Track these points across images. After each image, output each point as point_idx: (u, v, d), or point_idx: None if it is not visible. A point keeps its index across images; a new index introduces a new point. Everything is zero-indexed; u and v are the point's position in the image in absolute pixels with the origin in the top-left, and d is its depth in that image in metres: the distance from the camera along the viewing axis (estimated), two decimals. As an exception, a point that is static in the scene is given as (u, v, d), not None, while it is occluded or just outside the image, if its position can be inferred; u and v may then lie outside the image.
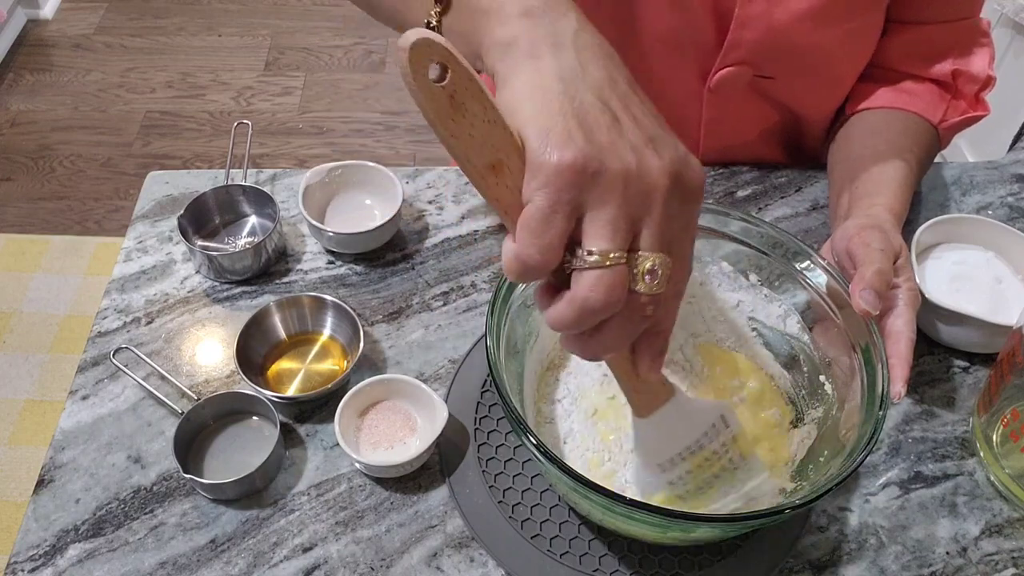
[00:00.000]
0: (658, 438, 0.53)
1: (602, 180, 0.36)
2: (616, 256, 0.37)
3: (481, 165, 0.37)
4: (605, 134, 0.37)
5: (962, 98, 0.82)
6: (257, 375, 0.70)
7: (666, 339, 0.44)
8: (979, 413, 0.69)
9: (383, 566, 0.62)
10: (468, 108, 0.35)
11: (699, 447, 0.54)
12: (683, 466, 0.55)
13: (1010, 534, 0.65)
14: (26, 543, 0.62)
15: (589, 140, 0.36)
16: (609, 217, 0.37)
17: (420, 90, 0.34)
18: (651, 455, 0.54)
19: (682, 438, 0.53)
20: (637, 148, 0.38)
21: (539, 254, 0.36)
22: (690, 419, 0.53)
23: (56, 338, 1.80)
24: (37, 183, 2.16)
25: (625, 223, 0.37)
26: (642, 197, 0.38)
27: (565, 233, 0.37)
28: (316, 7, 2.73)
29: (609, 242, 0.37)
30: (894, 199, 0.71)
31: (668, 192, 0.38)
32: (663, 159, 0.38)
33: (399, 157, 2.25)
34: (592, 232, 0.37)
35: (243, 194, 0.82)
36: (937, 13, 0.80)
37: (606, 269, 0.37)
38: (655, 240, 0.38)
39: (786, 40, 0.76)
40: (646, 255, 0.38)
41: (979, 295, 0.73)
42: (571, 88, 0.37)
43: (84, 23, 2.62)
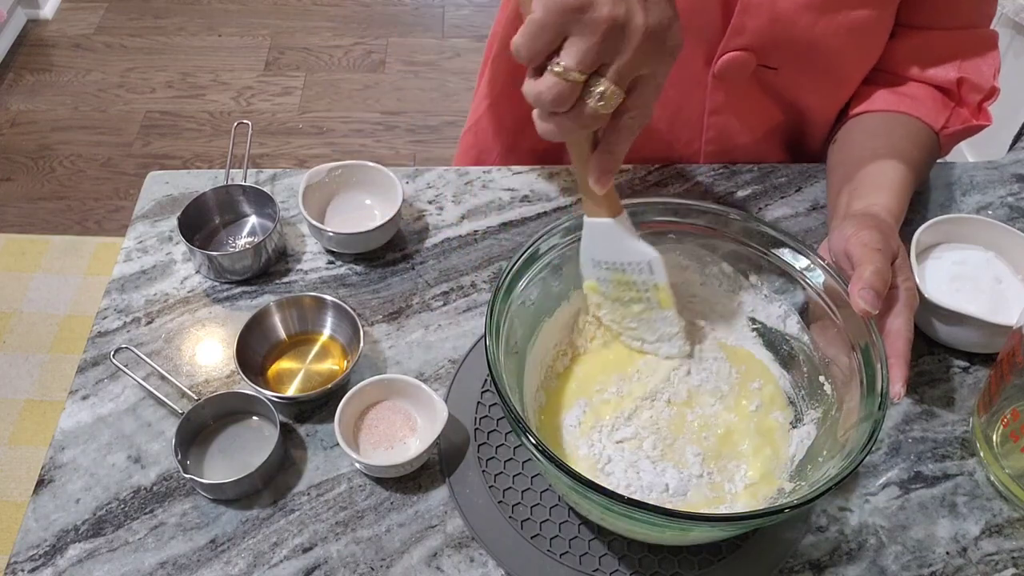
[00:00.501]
0: (595, 239, 0.62)
1: (588, 18, 0.46)
2: (575, 75, 0.47)
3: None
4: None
5: (965, 106, 0.82)
6: (257, 375, 0.70)
7: (614, 161, 0.54)
8: (979, 413, 0.69)
9: (383, 566, 0.62)
10: None
11: (622, 269, 0.63)
12: (608, 274, 0.63)
13: (1010, 534, 0.65)
14: (26, 543, 0.62)
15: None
16: (582, 46, 0.46)
17: None
18: (588, 248, 0.63)
19: (611, 252, 0.62)
20: (630, 3, 0.47)
21: (525, 52, 0.48)
22: (621, 244, 0.61)
23: (56, 338, 1.80)
24: (37, 183, 2.16)
25: (593, 55, 0.47)
26: (616, 41, 0.47)
27: (550, 44, 0.47)
28: (316, 7, 2.73)
29: (573, 62, 0.47)
30: (893, 201, 0.71)
31: (641, 43, 0.47)
32: (648, 18, 0.47)
33: (399, 157, 2.25)
34: (566, 51, 0.47)
35: (243, 194, 0.82)
36: (947, 20, 0.80)
37: (561, 78, 0.47)
38: (615, 76, 0.48)
39: (789, 29, 0.76)
40: (602, 81, 0.48)
41: (979, 295, 0.73)
42: None
43: (84, 23, 2.62)
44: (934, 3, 0.78)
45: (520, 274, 0.62)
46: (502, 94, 0.94)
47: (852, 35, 0.77)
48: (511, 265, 0.61)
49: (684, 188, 0.88)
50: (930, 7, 0.79)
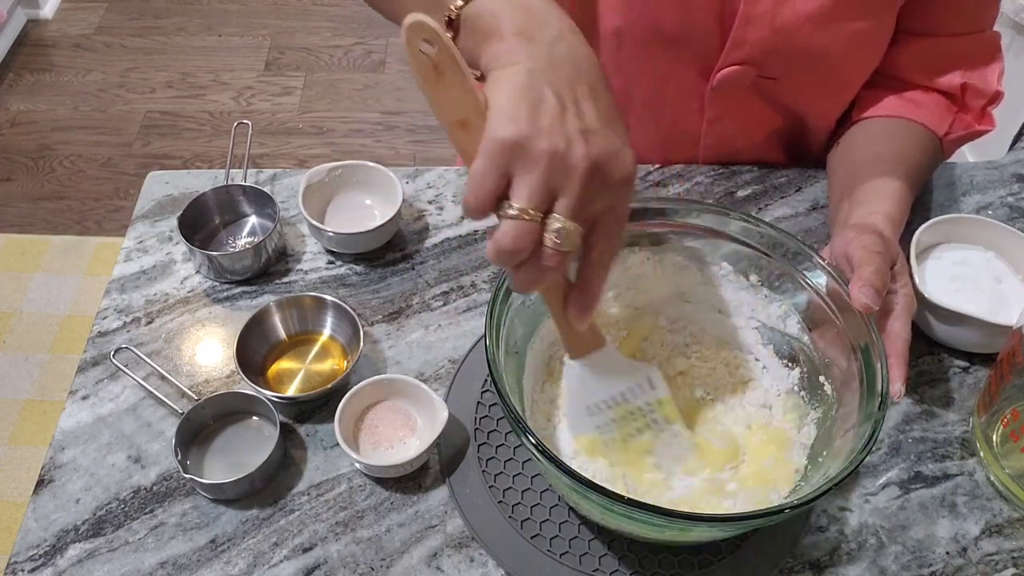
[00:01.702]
0: (586, 382, 0.59)
1: (530, 154, 0.45)
2: (531, 214, 0.45)
3: (453, 119, 0.47)
4: (547, 120, 0.45)
5: (968, 112, 0.82)
6: (257, 375, 0.70)
7: (593, 297, 0.52)
8: (979, 413, 0.69)
9: (383, 566, 0.62)
10: (447, 76, 0.46)
11: (623, 399, 0.60)
12: (608, 414, 0.60)
13: (1010, 534, 0.65)
14: (26, 543, 0.62)
15: (531, 123, 0.45)
16: (529, 182, 0.45)
17: (411, 56, 0.45)
18: (579, 397, 0.60)
19: (607, 387, 0.59)
20: (570, 136, 0.46)
21: (475, 200, 0.46)
22: (616, 372, 0.59)
23: (56, 338, 1.80)
24: (37, 183, 2.16)
25: (542, 190, 0.45)
26: (561, 174, 0.46)
27: (497, 189, 0.46)
28: (316, 7, 2.73)
29: (525, 201, 0.45)
30: (893, 208, 0.71)
31: (586, 174, 0.46)
32: (590, 148, 0.46)
33: (399, 157, 2.25)
34: (515, 191, 0.46)
35: (243, 194, 0.82)
36: (950, 25, 0.80)
37: (517, 221, 0.45)
38: (567, 210, 0.46)
39: (790, 40, 0.76)
40: (557, 218, 0.46)
41: (979, 295, 0.73)
42: (535, 84, 0.46)
43: (84, 23, 2.62)
44: (938, 9, 0.78)
45: (520, 274, 0.61)
46: None
47: (853, 44, 0.77)
48: (511, 265, 0.61)
49: (684, 188, 0.88)
50: (934, 13, 0.79)
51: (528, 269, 0.48)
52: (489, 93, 0.47)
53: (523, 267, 0.47)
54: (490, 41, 0.49)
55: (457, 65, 0.46)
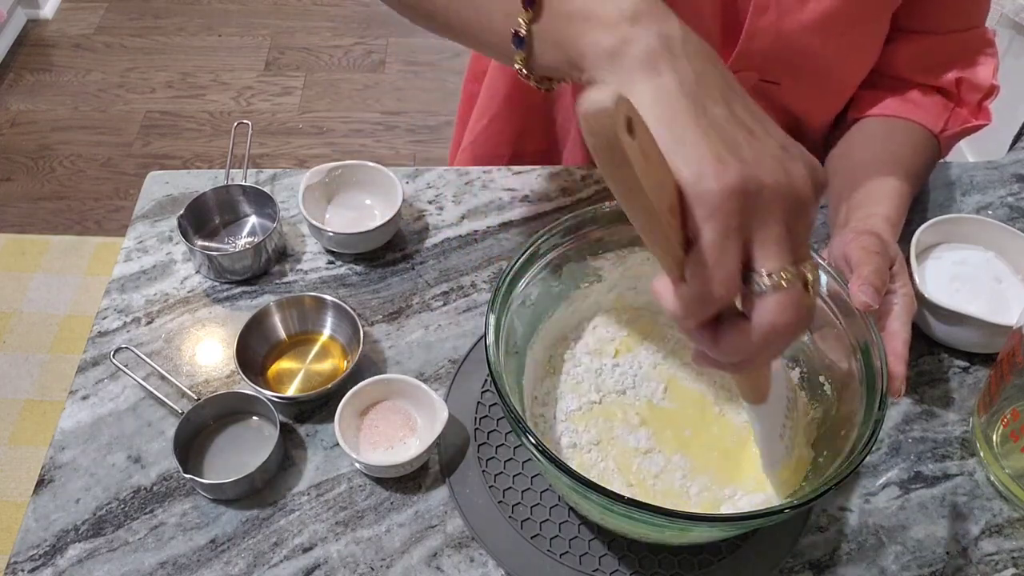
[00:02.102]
0: (772, 413, 0.53)
1: (763, 199, 0.35)
2: (792, 273, 0.36)
3: (664, 209, 0.35)
4: (748, 149, 0.36)
5: (964, 106, 0.82)
6: (257, 375, 0.70)
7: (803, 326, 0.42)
8: (979, 413, 0.69)
9: (383, 566, 0.62)
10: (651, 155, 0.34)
11: (790, 401, 0.57)
12: (788, 425, 0.56)
13: (1010, 534, 0.65)
14: (26, 543, 0.62)
15: (740, 159, 0.35)
16: (777, 234, 0.36)
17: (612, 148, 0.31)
18: (772, 432, 0.54)
19: (782, 401, 0.55)
20: (779, 159, 0.37)
21: (722, 286, 0.35)
22: (779, 382, 0.54)
23: (56, 338, 1.80)
24: (37, 183, 2.16)
25: (789, 238, 0.36)
26: (797, 210, 0.37)
27: (740, 259, 0.35)
28: (316, 7, 2.73)
29: (782, 260, 0.36)
30: (891, 209, 0.71)
31: (815, 201, 0.38)
32: (802, 167, 0.37)
33: (399, 157, 2.25)
34: (765, 253, 0.36)
35: (243, 194, 0.82)
36: (944, 23, 0.80)
37: (787, 289, 0.36)
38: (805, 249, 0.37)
39: (793, 49, 0.76)
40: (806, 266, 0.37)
41: (979, 295, 0.73)
42: (698, 103, 0.36)
43: (84, 23, 2.62)
44: (932, 8, 0.78)
45: (520, 274, 0.62)
46: (499, 113, 0.93)
47: (851, 48, 0.78)
48: (511, 265, 0.61)
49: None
50: (928, 12, 0.79)
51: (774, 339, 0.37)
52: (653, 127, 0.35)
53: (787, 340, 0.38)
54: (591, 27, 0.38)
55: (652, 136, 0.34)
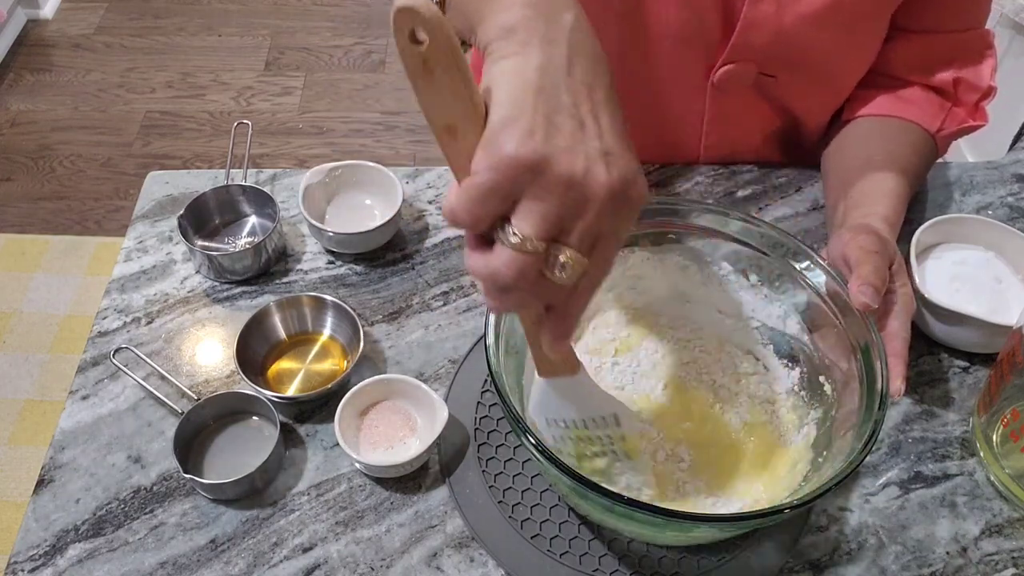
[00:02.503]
0: (550, 398, 0.55)
1: (545, 179, 0.39)
2: (535, 244, 0.40)
3: (440, 124, 0.41)
4: (566, 138, 0.40)
5: (961, 106, 0.82)
6: (257, 375, 0.70)
7: (571, 325, 0.46)
8: (979, 413, 0.69)
9: (383, 566, 0.62)
10: (437, 74, 0.39)
11: (583, 425, 0.56)
12: (566, 432, 0.57)
13: (1010, 534, 0.65)
14: (26, 543, 0.62)
15: (547, 140, 0.39)
16: (541, 211, 0.40)
17: (399, 47, 0.38)
18: (541, 407, 0.56)
19: (568, 411, 0.56)
20: (590, 158, 0.40)
21: (469, 219, 0.40)
22: (581, 401, 0.55)
23: (56, 338, 1.80)
24: (37, 183, 2.16)
25: (554, 219, 0.40)
26: (577, 203, 0.40)
27: (497, 212, 0.40)
28: (316, 7, 2.73)
29: (533, 231, 0.40)
30: (889, 209, 0.71)
31: (603, 205, 0.41)
32: (611, 175, 0.41)
33: (399, 157, 2.25)
34: (522, 217, 0.40)
35: (243, 194, 0.82)
36: (943, 23, 0.80)
37: (522, 253, 0.40)
38: (577, 241, 0.41)
39: (792, 41, 0.76)
40: (563, 250, 0.41)
41: (979, 295, 0.73)
42: (550, 86, 0.40)
43: (84, 23, 2.62)
44: (932, 7, 0.78)
45: (520, 274, 0.61)
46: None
47: (851, 43, 0.78)
48: (511, 265, 0.61)
49: (684, 188, 0.88)
50: (928, 11, 0.79)
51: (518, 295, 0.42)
52: (494, 88, 0.41)
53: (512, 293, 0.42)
54: (493, 7, 0.42)
55: (455, 64, 0.39)
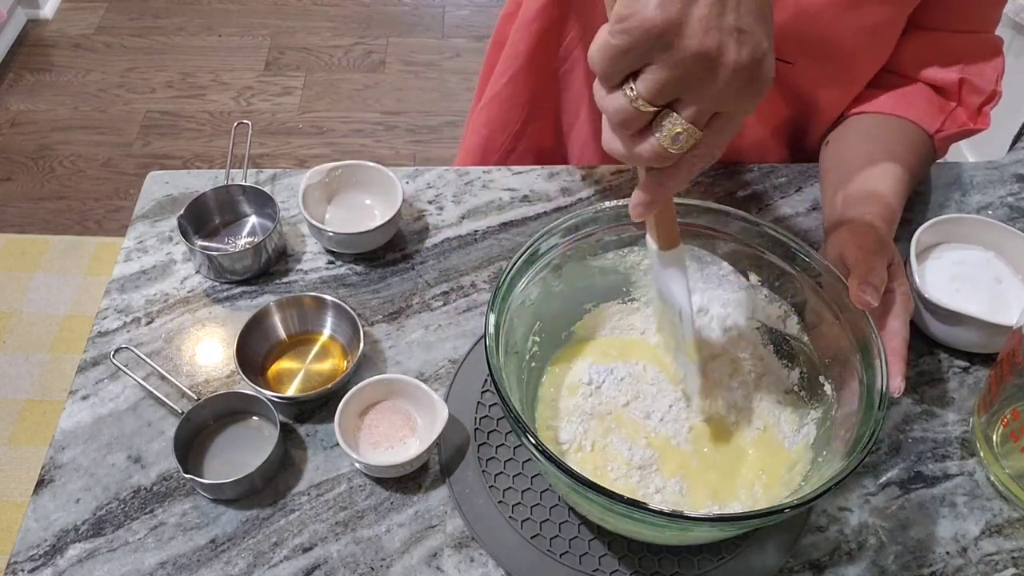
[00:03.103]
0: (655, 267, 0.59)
1: (674, 50, 0.41)
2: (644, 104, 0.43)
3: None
4: (702, 8, 0.41)
5: (964, 108, 0.82)
6: (257, 375, 0.70)
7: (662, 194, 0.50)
8: (979, 413, 0.69)
9: (383, 566, 0.62)
10: None
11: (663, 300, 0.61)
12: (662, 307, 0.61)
13: (1010, 534, 0.65)
14: (26, 543, 0.62)
15: (684, 10, 0.40)
16: (660, 77, 0.42)
17: None
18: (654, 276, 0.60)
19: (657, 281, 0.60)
20: (724, 34, 0.41)
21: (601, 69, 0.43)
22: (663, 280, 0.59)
23: (56, 338, 1.80)
24: (37, 183, 2.16)
25: (671, 89, 0.42)
26: (701, 77, 0.42)
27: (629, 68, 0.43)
28: (316, 7, 2.73)
29: (647, 92, 0.42)
30: (886, 209, 0.71)
31: (727, 83, 0.42)
32: (740, 54, 0.42)
33: (399, 157, 2.25)
34: (643, 77, 0.42)
35: (243, 194, 0.82)
36: (954, 23, 0.80)
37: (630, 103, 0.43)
38: (694, 115, 0.43)
39: (811, 25, 0.75)
40: (679, 121, 0.43)
41: (979, 295, 0.73)
42: None
43: (84, 23, 2.62)
44: (944, 5, 0.78)
45: (520, 274, 0.62)
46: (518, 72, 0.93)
47: (870, 33, 0.77)
48: (511, 265, 0.61)
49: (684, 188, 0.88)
50: (940, 9, 0.79)
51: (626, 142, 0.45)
52: None
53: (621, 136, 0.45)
54: None
55: None
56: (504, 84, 0.94)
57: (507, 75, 0.93)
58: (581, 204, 0.86)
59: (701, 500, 0.61)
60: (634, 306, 0.71)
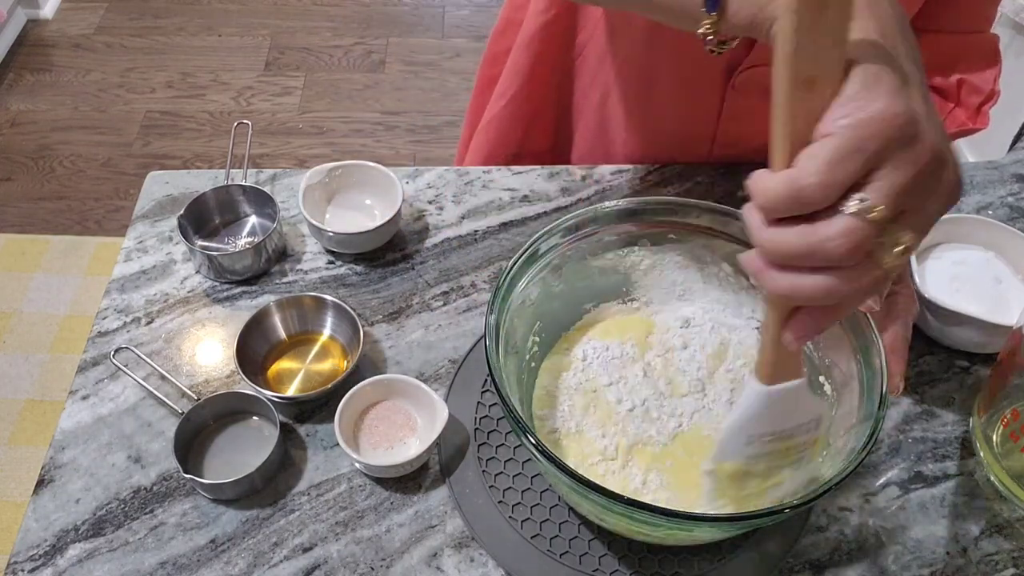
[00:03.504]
0: (763, 411, 0.51)
1: (914, 147, 0.36)
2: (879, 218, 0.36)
3: (802, 74, 0.36)
4: (922, 104, 0.37)
5: (963, 108, 0.82)
6: (257, 375, 0.70)
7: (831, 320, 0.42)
8: (979, 413, 0.69)
9: (383, 566, 0.62)
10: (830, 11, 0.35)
11: (791, 436, 0.53)
12: (768, 446, 0.53)
13: (1010, 534, 0.65)
14: (26, 543, 0.62)
15: (913, 103, 0.36)
16: (901, 183, 0.36)
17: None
18: (745, 424, 0.52)
19: (783, 421, 0.52)
20: (941, 133, 0.37)
21: (820, 188, 0.35)
22: (798, 407, 0.52)
23: (56, 338, 1.80)
24: (37, 183, 2.16)
25: (907, 197, 0.36)
26: (934, 182, 0.37)
27: (854, 178, 0.36)
28: (316, 7, 2.73)
29: (886, 205, 0.36)
30: None
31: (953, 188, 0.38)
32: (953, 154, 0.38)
33: (399, 157, 2.25)
34: (877, 187, 0.36)
35: (243, 194, 0.82)
36: (950, 24, 0.80)
37: (865, 224, 0.36)
38: (921, 223, 0.38)
39: None
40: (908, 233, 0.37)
41: (979, 295, 0.73)
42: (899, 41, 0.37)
43: (84, 23, 2.62)
44: (939, 7, 0.78)
45: (520, 274, 0.62)
46: (519, 91, 0.93)
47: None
48: (511, 265, 0.61)
49: (684, 188, 0.88)
50: (934, 11, 0.79)
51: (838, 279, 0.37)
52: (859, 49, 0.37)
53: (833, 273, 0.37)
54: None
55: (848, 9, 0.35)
56: (503, 106, 0.94)
57: (507, 96, 0.93)
58: (581, 204, 0.86)
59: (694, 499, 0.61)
60: (634, 306, 0.71)
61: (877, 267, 0.37)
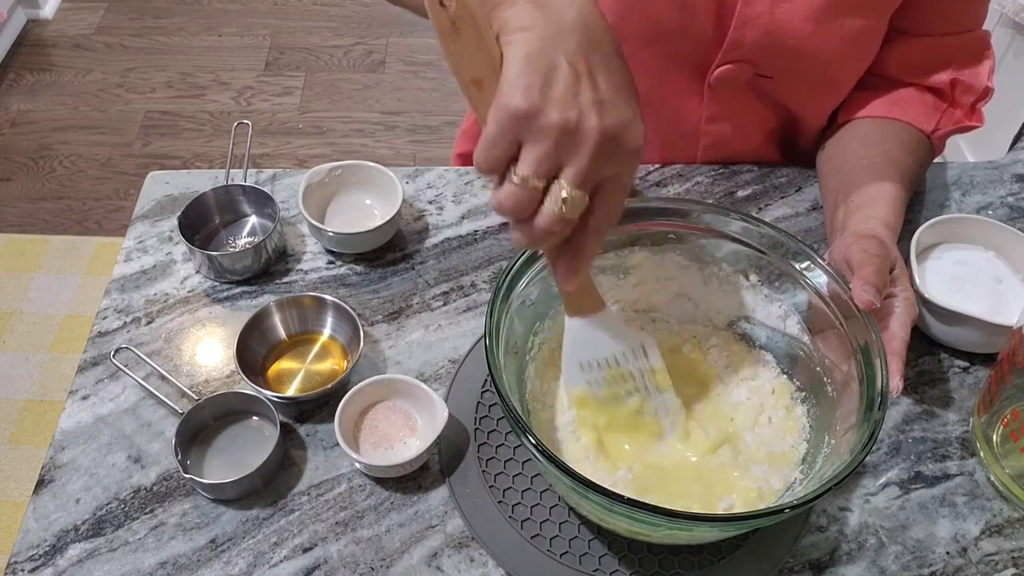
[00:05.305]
0: (581, 339, 0.60)
1: (540, 125, 0.45)
2: (533, 181, 0.47)
3: (468, 78, 0.48)
4: (559, 90, 0.46)
5: (958, 107, 0.82)
6: (257, 375, 0.70)
7: (580, 262, 0.52)
8: (979, 413, 0.69)
9: (383, 566, 0.62)
10: (464, 32, 0.46)
11: (615, 362, 0.61)
12: (599, 372, 0.61)
13: (1010, 534, 0.65)
14: (26, 543, 0.62)
15: (542, 93, 0.45)
16: (536, 153, 0.46)
17: (430, 9, 0.45)
18: (574, 352, 0.60)
19: (601, 348, 0.60)
20: (583, 107, 0.46)
21: (484, 164, 0.47)
22: (611, 335, 0.60)
23: (56, 338, 1.80)
24: (37, 183, 2.16)
25: (547, 161, 0.46)
26: (571, 145, 0.46)
27: (506, 155, 0.47)
28: (316, 7, 2.73)
29: (529, 169, 0.46)
30: (889, 213, 0.71)
31: (596, 146, 0.46)
32: (602, 120, 0.46)
33: (399, 157, 2.25)
34: (521, 159, 0.47)
35: (243, 194, 0.82)
36: (940, 26, 0.80)
37: (518, 187, 0.47)
38: (574, 179, 0.47)
39: (786, 40, 0.76)
40: (563, 186, 0.47)
41: (979, 295, 0.73)
42: (548, 49, 0.46)
43: (84, 23, 2.62)
44: (928, 10, 0.78)
45: (520, 274, 0.62)
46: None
47: (847, 43, 0.77)
48: (511, 265, 0.61)
49: (684, 188, 0.88)
50: (924, 14, 0.79)
51: (529, 228, 0.49)
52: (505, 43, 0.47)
53: (524, 225, 0.49)
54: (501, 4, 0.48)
55: (474, 22, 0.46)
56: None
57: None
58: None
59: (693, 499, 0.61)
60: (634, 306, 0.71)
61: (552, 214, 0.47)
